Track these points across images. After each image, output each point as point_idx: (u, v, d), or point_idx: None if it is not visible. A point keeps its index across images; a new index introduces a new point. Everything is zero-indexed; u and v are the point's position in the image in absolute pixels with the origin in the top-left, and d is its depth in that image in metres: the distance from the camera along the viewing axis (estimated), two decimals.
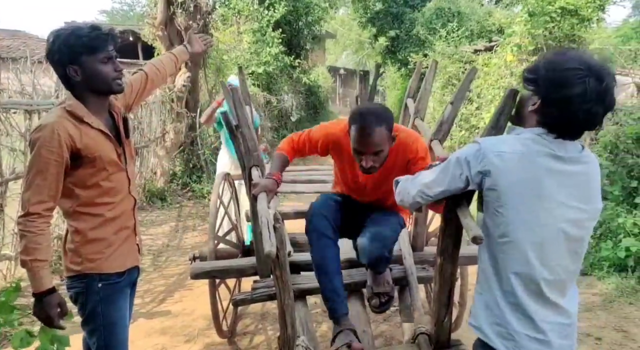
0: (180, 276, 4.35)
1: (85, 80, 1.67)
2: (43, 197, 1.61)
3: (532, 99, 1.36)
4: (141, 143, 6.45)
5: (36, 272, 1.59)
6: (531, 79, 1.34)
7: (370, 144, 1.93)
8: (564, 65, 1.28)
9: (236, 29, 9.92)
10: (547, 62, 1.32)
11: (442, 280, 1.73)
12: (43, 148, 1.59)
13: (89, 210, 1.72)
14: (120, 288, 1.80)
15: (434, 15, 13.35)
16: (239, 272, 2.58)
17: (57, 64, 1.66)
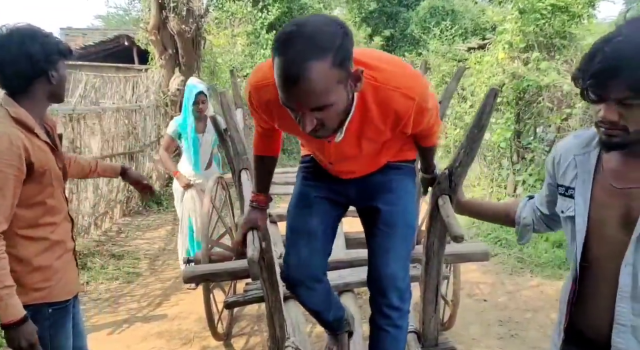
0: (176, 279, 4.35)
1: (56, 86, 1.60)
2: (2, 218, 1.46)
3: None
4: (136, 147, 6.46)
5: (9, 300, 1.44)
6: None
7: (300, 93, 1.09)
8: None
9: (230, 31, 9.95)
10: None
11: (429, 278, 1.75)
12: (2, 162, 1.44)
13: (32, 233, 1.57)
14: (69, 310, 1.69)
15: (428, 14, 13.41)
16: (231, 274, 2.60)
17: (35, 64, 1.52)
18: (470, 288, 4.14)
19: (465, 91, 6.83)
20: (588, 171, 1.20)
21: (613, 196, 1.15)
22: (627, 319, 1.13)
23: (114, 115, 5.89)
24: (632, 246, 1.10)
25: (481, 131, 1.62)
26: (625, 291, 1.13)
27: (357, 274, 2.47)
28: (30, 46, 1.50)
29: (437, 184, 1.68)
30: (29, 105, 1.56)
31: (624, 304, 1.14)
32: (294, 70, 1.05)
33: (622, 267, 1.12)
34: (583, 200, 1.20)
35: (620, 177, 1.15)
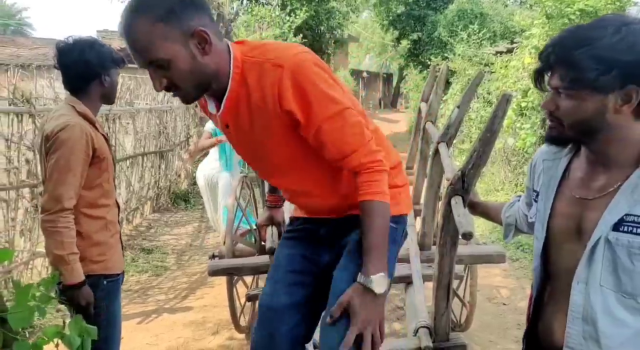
0: (202, 274, 4.52)
1: (108, 89, 1.89)
2: (73, 194, 1.73)
3: (612, 98, 1.00)
4: (166, 147, 6.70)
5: (74, 264, 1.71)
6: (608, 68, 0.97)
7: (131, 49, 1.15)
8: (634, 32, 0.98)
9: (259, 35, 10.15)
10: (621, 38, 0.96)
11: (441, 276, 1.82)
12: (75, 147, 1.72)
13: (92, 213, 1.83)
14: (120, 283, 1.95)
15: (456, 17, 13.29)
16: (254, 269, 2.72)
17: (94, 67, 1.83)
18: (490, 292, 4.15)
19: (491, 95, 6.80)
20: (554, 177, 1.18)
21: (573, 205, 1.11)
22: (577, 342, 1.07)
23: (146, 116, 6.14)
24: (583, 261, 1.06)
25: (493, 135, 1.68)
26: (576, 311, 1.07)
27: None
28: (88, 53, 1.80)
29: (450, 185, 1.75)
30: (87, 103, 1.86)
31: (574, 326, 1.07)
32: (123, 26, 1.14)
33: (574, 284, 1.07)
34: (544, 208, 1.17)
35: (582, 186, 1.11)
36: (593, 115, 1.02)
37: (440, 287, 1.83)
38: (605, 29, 0.98)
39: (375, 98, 30.14)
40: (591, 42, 0.98)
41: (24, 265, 3.67)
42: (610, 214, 1.02)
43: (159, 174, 6.52)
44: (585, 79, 0.99)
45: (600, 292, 1.03)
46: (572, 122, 1.05)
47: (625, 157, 1.04)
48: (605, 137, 1.05)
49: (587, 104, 1.01)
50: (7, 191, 3.49)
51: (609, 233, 1.02)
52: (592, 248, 1.04)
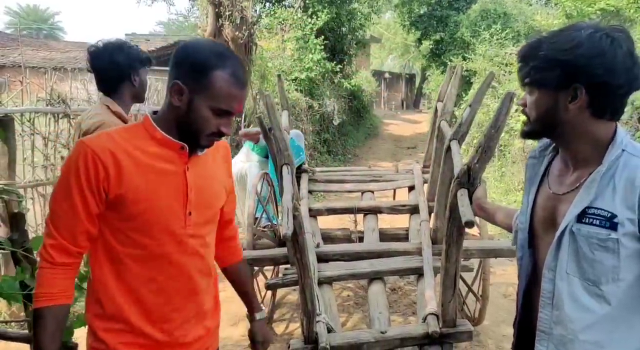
0: None
1: (138, 88, 2.00)
2: None
3: (562, 95, 1.08)
4: None
5: None
6: (552, 66, 1.06)
7: (244, 94, 1.23)
8: (584, 36, 1.05)
9: (280, 37, 10.33)
10: (570, 40, 1.05)
11: (448, 265, 1.92)
12: None
13: None
14: None
15: (479, 17, 13.22)
16: (272, 260, 2.86)
17: (120, 71, 1.93)
18: (506, 289, 4.19)
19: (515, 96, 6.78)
20: (537, 174, 1.26)
21: (549, 200, 1.20)
22: (548, 326, 1.14)
23: None
24: (552, 250, 1.14)
25: (498, 131, 1.78)
26: (546, 297, 1.15)
27: (387, 264, 2.66)
28: (117, 56, 1.92)
29: (456, 178, 1.85)
30: (119, 103, 1.97)
31: (545, 311, 1.15)
32: (244, 74, 1.23)
33: (544, 271, 1.15)
34: (527, 201, 1.26)
35: (556, 182, 1.20)
36: (547, 110, 1.11)
37: (447, 276, 1.92)
38: (561, 33, 1.09)
39: (398, 99, 30.05)
40: (544, 43, 1.09)
41: None
42: (575, 206, 1.10)
43: None
44: (533, 75, 1.11)
45: (567, 279, 1.11)
46: (534, 117, 1.15)
47: (591, 155, 1.12)
48: (566, 134, 1.13)
49: (542, 100, 1.12)
50: (44, 186, 3.72)
51: (573, 224, 1.10)
52: (558, 238, 1.12)
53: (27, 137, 3.56)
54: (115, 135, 1.19)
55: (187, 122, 1.19)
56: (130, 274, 1.21)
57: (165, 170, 1.19)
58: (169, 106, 1.20)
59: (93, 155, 1.13)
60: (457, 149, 2.54)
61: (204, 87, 1.15)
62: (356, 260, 2.76)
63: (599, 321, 1.09)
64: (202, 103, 1.16)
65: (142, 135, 1.20)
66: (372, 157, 11.77)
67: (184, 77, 1.16)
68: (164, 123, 1.21)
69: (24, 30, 24.63)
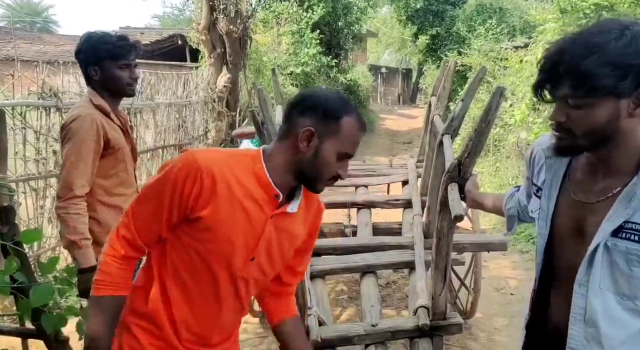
0: None
1: (103, 81, 1.92)
2: (84, 182, 1.79)
3: (624, 102, 0.99)
4: (185, 140, 6.91)
5: (85, 249, 1.76)
6: (624, 73, 0.96)
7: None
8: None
9: (276, 31, 10.30)
10: (629, 42, 0.96)
11: (439, 258, 1.93)
12: (85, 136, 1.78)
13: (108, 201, 1.89)
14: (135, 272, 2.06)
15: (475, 12, 13.21)
16: None
17: (81, 62, 1.91)
18: (499, 282, 4.23)
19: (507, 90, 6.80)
20: (556, 176, 1.18)
21: (574, 207, 1.13)
22: (580, 344, 1.09)
23: (166, 110, 6.35)
24: (584, 265, 1.08)
25: (488, 126, 1.78)
26: (578, 313, 1.09)
27: (380, 258, 2.67)
28: (83, 48, 1.91)
29: (446, 172, 1.86)
30: (101, 96, 1.93)
31: (576, 327, 1.10)
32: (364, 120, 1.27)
33: (575, 287, 1.09)
34: (547, 206, 1.18)
35: (582, 189, 1.12)
36: (607, 122, 1.00)
37: (438, 269, 1.93)
38: (608, 34, 0.97)
39: (394, 94, 30.03)
40: (600, 49, 0.95)
41: (52, 250, 3.89)
42: (610, 221, 1.04)
43: None
44: (602, 87, 0.96)
45: (600, 294, 1.06)
46: (584, 131, 1.02)
47: (626, 163, 1.05)
48: (614, 143, 1.03)
49: (601, 110, 0.99)
50: (36, 180, 3.70)
51: (607, 239, 1.04)
52: (591, 253, 1.06)
53: (19, 130, 3.54)
54: (223, 159, 1.18)
55: (310, 168, 1.19)
56: (175, 287, 1.22)
57: (251, 210, 1.18)
58: (290, 149, 1.19)
59: (197, 172, 1.13)
60: (449, 143, 2.55)
61: (335, 132, 1.17)
62: (349, 254, 2.77)
63: (633, 336, 1.06)
64: (331, 148, 1.18)
65: (247, 168, 1.19)
66: (368, 152, 11.76)
67: (315, 123, 1.16)
68: (275, 164, 1.20)
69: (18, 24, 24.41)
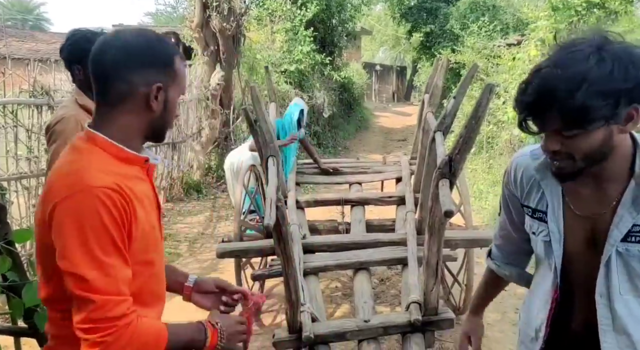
0: (213, 261, 4.69)
1: (87, 80, 1.82)
2: None
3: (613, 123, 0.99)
4: (179, 138, 6.89)
5: None
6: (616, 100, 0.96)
7: None
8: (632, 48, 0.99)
9: (269, 28, 10.27)
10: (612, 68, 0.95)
11: (430, 254, 1.94)
12: (70, 138, 1.66)
13: None
14: None
15: (468, 9, 13.25)
16: (259, 251, 2.87)
17: (65, 60, 1.88)
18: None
19: (499, 88, 6.83)
20: (556, 195, 1.16)
21: (578, 223, 1.14)
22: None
23: None
24: (601, 274, 1.10)
25: (478, 122, 1.80)
26: (606, 324, 1.10)
27: (372, 254, 2.69)
28: (65, 47, 1.89)
29: (438, 169, 1.87)
30: (88, 95, 1.87)
31: (608, 339, 1.10)
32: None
33: (597, 298, 1.11)
34: (557, 228, 1.17)
35: (581, 202, 1.13)
36: (602, 144, 1.01)
37: (429, 265, 1.95)
38: (587, 60, 0.95)
39: (389, 91, 30.06)
40: (585, 79, 0.94)
41: None
42: (618, 228, 1.06)
43: (171, 164, 6.72)
44: (600, 117, 0.96)
45: (622, 300, 1.08)
46: (582, 156, 1.02)
47: (620, 170, 1.07)
48: (610, 158, 1.05)
49: (596, 135, 0.99)
50: (28, 179, 3.69)
51: (618, 245, 1.06)
52: (606, 262, 1.08)
53: (10, 129, 3.52)
54: (98, 168, 1.00)
55: (161, 123, 1.09)
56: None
57: (145, 189, 1.08)
58: (138, 113, 1.05)
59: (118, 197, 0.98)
60: (441, 140, 2.57)
61: (174, 78, 1.08)
62: (342, 251, 2.78)
63: None
64: (175, 95, 1.09)
65: (105, 159, 1.02)
66: (363, 149, 11.79)
67: (158, 76, 1.05)
68: (124, 135, 1.05)
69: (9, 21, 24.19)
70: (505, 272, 1.42)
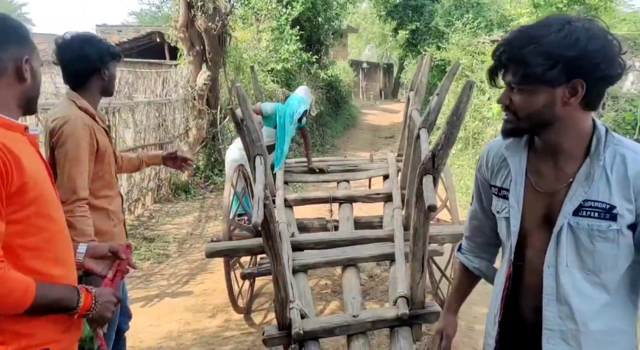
0: (202, 261, 4.70)
1: (107, 82, 1.95)
2: (86, 184, 1.82)
3: (559, 91, 1.07)
4: (166, 139, 6.85)
5: None
6: (554, 63, 1.04)
7: None
8: (581, 29, 1.05)
9: (255, 27, 10.25)
10: (565, 35, 1.03)
11: (416, 249, 1.97)
12: (80, 139, 1.80)
13: (95, 203, 1.89)
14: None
15: (453, 7, 13.34)
16: (248, 250, 2.88)
17: (94, 62, 1.88)
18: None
19: (484, 84, 6.91)
20: (520, 173, 1.22)
21: (538, 199, 1.19)
22: (555, 323, 1.15)
23: (145, 109, 6.29)
24: (551, 246, 1.15)
25: (459, 118, 1.83)
26: (550, 294, 1.15)
27: (360, 251, 2.72)
28: (87, 49, 1.86)
29: (421, 164, 1.90)
30: (87, 98, 1.93)
31: (550, 308, 1.15)
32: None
33: (545, 268, 1.16)
34: (517, 203, 1.22)
35: (543, 180, 1.19)
36: (543, 107, 1.09)
37: (415, 260, 1.98)
38: (550, 27, 1.06)
39: (376, 89, 30.16)
40: (538, 40, 1.05)
41: None
42: (571, 202, 1.12)
43: (159, 165, 6.67)
44: (534, 74, 1.06)
45: (568, 272, 1.13)
46: (525, 114, 1.11)
47: (576, 149, 1.13)
48: (557, 129, 1.12)
49: (538, 97, 1.08)
50: None
51: (570, 219, 1.12)
52: (557, 234, 1.14)
53: None
54: None
55: (32, 93, 1.19)
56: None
57: (31, 152, 1.15)
58: (10, 86, 1.13)
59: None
60: (426, 137, 2.60)
61: (32, 48, 1.16)
62: (331, 248, 2.81)
63: (602, 310, 1.13)
64: (37, 63, 1.18)
65: None
66: (351, 147, 11.84)
67: (22, 49, 1.14)
68: (3, 107, 1.13)
69: None
70: (474, 265, 1.48)
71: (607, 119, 4.39)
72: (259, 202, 1.74)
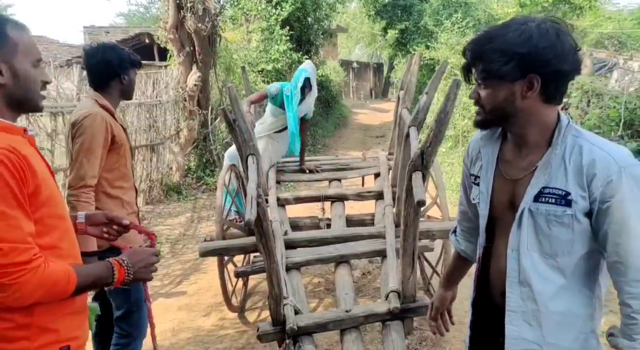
0: (195, 261, 4.71)
1: (126, 86, 2.17)
2: (95, 173, 2.00)
3: (517, 85, 1.16)
4: (157, 140, 6.85)
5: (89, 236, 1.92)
6: (508, 59, 1.13)
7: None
8: (534, 29, 1.14)
9: (245, 28, 10.26)
10: (519, 34, 1.13)
11: (406, 244, 2.02)
12: (96, 132, 2.00)
13: (111, 192, 2.10)
14: None
15: (441, 6, 13.46)
16: (241, 249, 2.91)
17: (115, 67, 2.11)
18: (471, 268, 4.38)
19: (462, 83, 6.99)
20: (491, 161, 1.32)
21: (506, 185, 1.28)
22: (517, 304, 1.23)
23: (136, 110, 6.29)
24: (514, 229, 1.23)
25: (447, 116, 1.88)
26: (513, 276, 1.23)
27: (352, 248, 2.76)
28: (110, 56, 2.11)
29: (411, 162, 1.95)
30: (108, 99, 2.16)
31: (513, 289, 1.23)
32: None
33: (508, 252, 1.24)
34: (486, 189, 1.32)
35: (511, 168, 1.28)
36: (504, 101, 1.18)
37: (406, 255, 2.03)
38: (509, 28, 1.16)
39: (366, 88, 30.24)
40: (496, 39, 1.15)
41: None
42: (532, 188, 1.21)
43: (150, 167, 6.67)
44: (491, 70, 1.16)
45: (529, 255, 1.21)
46: (490, 108, 1.22)
47: (541, 139, 1.22)
48: (521, 121, 1.21)
49: (500, 91, 1.18)
50: None
51: (530, 204, 1.20)
52: (519, 218, 1.22)
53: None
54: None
55: (20, 92, 1.16)
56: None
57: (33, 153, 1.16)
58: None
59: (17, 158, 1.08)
60: (415, 135, 2.65)
61: (13, 47, 1.14)
62: (323, 246, 2.85)
63: (560, 292, 1.20)
64: (25, 64, 1.15)
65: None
66: (342, 146, 11.88)
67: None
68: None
69: None
70: (462, 247, 1.57)
71: (592, 116, 4.48)
72: (252, 200, 1.77)
